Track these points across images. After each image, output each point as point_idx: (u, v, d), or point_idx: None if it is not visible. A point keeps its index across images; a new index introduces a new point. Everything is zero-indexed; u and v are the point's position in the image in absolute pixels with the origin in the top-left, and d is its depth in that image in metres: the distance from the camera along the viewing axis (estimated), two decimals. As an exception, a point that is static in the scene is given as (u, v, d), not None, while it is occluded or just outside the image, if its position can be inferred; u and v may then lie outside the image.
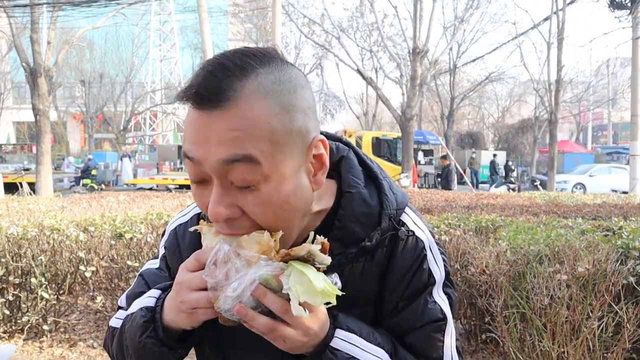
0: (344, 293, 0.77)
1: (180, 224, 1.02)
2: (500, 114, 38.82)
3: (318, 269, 0.76)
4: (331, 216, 0.90)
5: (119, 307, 1.07)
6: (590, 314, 2.75)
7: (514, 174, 22.81)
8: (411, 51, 13.97)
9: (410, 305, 0.92)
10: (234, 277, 0.74)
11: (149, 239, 4.11)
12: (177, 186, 18.24)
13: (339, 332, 0.84)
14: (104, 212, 4.81)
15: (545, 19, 17.80)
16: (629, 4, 11.80)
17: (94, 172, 21.18)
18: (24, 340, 4.06)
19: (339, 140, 1.01)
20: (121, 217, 4.30)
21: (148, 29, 37.35)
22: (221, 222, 0.78)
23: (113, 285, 4.52)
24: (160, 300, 0.88)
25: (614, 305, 2.74)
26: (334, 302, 0.74)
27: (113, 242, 4.11)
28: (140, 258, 4.24)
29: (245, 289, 0.74)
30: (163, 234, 1.08)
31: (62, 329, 4.30)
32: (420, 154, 24.98)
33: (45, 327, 4.07)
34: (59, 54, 14.64)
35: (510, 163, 23.43)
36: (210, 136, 0.74)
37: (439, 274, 0.95)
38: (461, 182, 23.32)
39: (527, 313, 2.81)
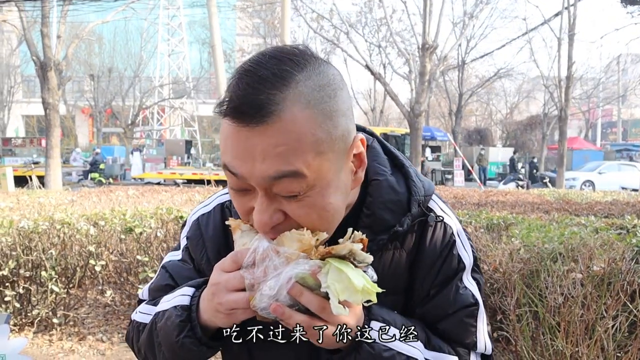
0: (384, 290, 0.76)
1: (203, 214, 1.02)
2: (508, 111, 38.57)
3: (356, 266, 0.74)
4: (358, 205, 0.91)
5: (140, 300, 1.06)
6: (605, 313, 2.71)
7: (523, 170, 22.68)
8: (420, 47, 13.89)
9: (442, 292, 0.93)
10: (271, 275, 0.73)
11: (158, 234, 4.11)
12: (185, 181, 18.29)
13: (374, 324, 0.83)
14: (114, 206, 4.82)
15: (556, 15, 17.63)
16: (641, 0, 11.67)
17: (102, 166, 21.30)
18: (34, 333, 4.07)
19: (363, 129, 1.01)
20: (131, 211, 4.30)
21: (156, 23, 37.39)
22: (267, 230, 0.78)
23: (122, 280, 4.53)
24: (195, 299, 0.86)
25: (630, 305, 2.71)
26: (374, 299, 0.73)
27: (123, 236, 4.11)
28: (149, 253, 4.24)
29: (282, 287, 0.73)
30: (183, 226, 1.07)
31: (71, 323, 4.32)
32: (428, 150, 24.89)
33: (55, 320, 4.09)
34: (68, 48, 14.68)
35: (535, 160, 23.19)
36: (254, 152, 0.73)
37: (468, 259, 0.96)
38: (469, 178, 23.24)
39: (540, 312, 2.77)
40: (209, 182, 10.25)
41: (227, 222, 0.81)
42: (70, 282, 4.17)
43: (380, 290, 0.74)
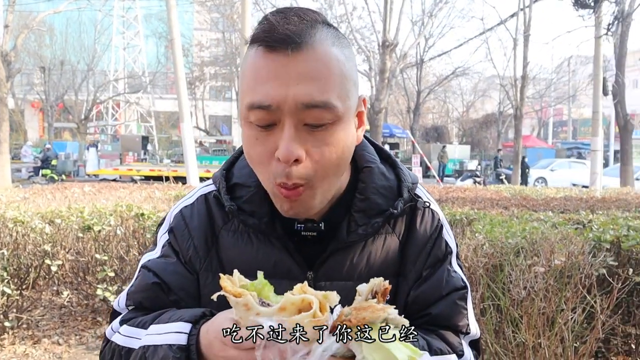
0: (425, 352, 0.75)
1: (186, 206, 1.00)
2: (464, 109, 39.47)
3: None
4: (348, 192, 0.94)
5: (114, 312, 0.99)
6: (564, 305, 2.80)
7: (479, 167, 23.24)
8: (381, 44, 14.00)
9: (435, 274, 0.96)
10: (292, 357, 0.66)
11: (118, 232, 3.98)
12: (143, 177, 17.84)
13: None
14: (69, 203, 4.63)
15: (512, 16, 18.15)
16: (592, 3, 12.13)
17: (54, 162, 20.53)
18: (-16, 337, 3.88)
19: None
20: (89, 209, 4.15)
21: (111, 15, 36.22)
22: (284, 168, 0.79)
23: (79, 280, 4.37)
24: (193, 338, 0.80)
25: (588, 297, 2.80)
26: None
27: (81, 234, 3.96)
28: (108, 251, 4.10)
29: None
30: (160, 224, 1.03)
31: (24, 326, 4.14)
32: (387, 147, 25.17)
33: (6, 323, 3.91)
34: (17, 38, 14.05)
35: (499, 157, 23.48)
36: (289, 77, 0.77)
37: (453, 244, 1.01)
38: (426, 175, 23.65)
39: (503, 305, 2.84)
40: (167, 178, 10.03)
41: (221, 284, 0.72)
42: (23, 283, 3.99)
43: (422, 353, 0.69)
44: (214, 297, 0.74)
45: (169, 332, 0.82)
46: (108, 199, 5.23)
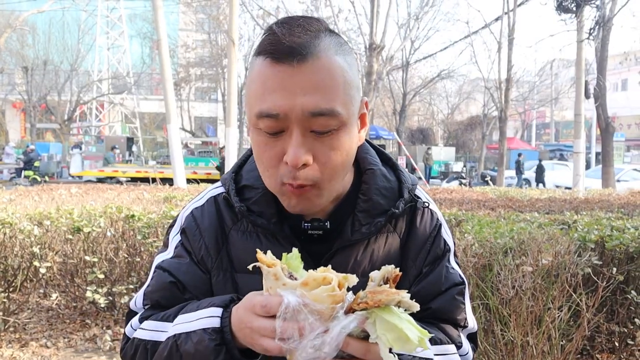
0: (433, 334, 0.79)
1: (197, 207, 1.04)
2: (449, 111, 39.77)
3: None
4: (352, 193, 0.98)
5: (130, 312, 1.02)
6: (551, 304, 2.86)
7: (465, 169, 23.37)
8: (368, 47, 14.08)
9: (435, 270, 1.01)
10: (310, 334, 0.72)
11: (108, 233, 3.96)
12: (129, 179, 17.69)
13: None
14: (58, 205, 4.59)
15: (497, 19, 18.36)
16: (574, 8, 12.33)
17: (36, 163, 20.24)
18: (-29, 340, 3.84)
19: None
20: (78, 210, 4.12)
21: (95, 15, 35.84)
22: (292, 171, 0.84)
23: (67, 282, 4.33)
24: (226, 320, 0.84)
25: (574, 295, 2.87)
26: (426, 348, 0.73)
27: (70, 236, 3.93)
28: (97, 253, 4.08)
29: (331, 347, 0.72)
30: (171, 225, 1.07)
31: (11, 329, 4.10)
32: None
33: (-7, 326, 3.86)
34: (0, 37, 13.84)
35: (542, 163, 22.83)
36: (296, 87, 0.81)
37: (451, 242, 1.05)
38: (413, 176, 23.73)
39: (492, 304, 2.89)
40: (154, 180, 9.96)
41: (257, 256, 0.78)
42: (10, 286, 3.95)
43: (430, 334, 0.74)
44: (250, 267, 0.80)
45: (201, 317, 0.87)
46: (96, 200, 5.19)
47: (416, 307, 0.74)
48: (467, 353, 1.02)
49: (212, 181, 5.14)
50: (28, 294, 4.41)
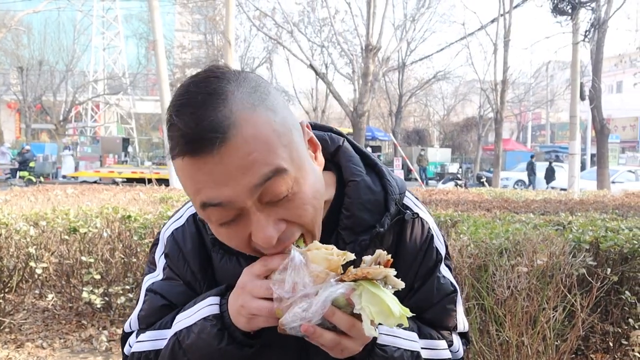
0: (414, 314, 0.80)
1: (177, 229, 0.98)
2: (445, 112, 39.86)
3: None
4: (335, 207, 0.93)
5: (125, 334, 1.00)
6: (546, 304, 2.88)
7: (461, 170, 23.43)
8: (364, 48, 14.11)
9: (426, 284, 0.98)
10: (300, 292, 0.75)
11: (104, 234, 3.95)
12: (124, 179, 17.65)
13: (382, 328, 0.86)
14: (53, 205, 4.59)
15: (493, 21, 18.43)
16: (569, 11, 12.39)
17: (32, 164, 20.18)
18: (-34, 341, 3.83)
19: (330, 130, 1.02)
20: (74, 211, 4.12)
21: (91, 15, 35.75)
22: (269, 246, 0.78)
23: (63, 283, 4.33)
24: (225, 306, 0.85)
25: (569, 295, 2.88)
26: (406, 324, 0.75)
27: (66, 237, 3.93)
28: (93, 254, 4.07)
29: (316, 310, 0.74)
30: (155, 244, 1.03)
31: (7, 329, 4.08)
32: (369, 149, 25.18)
33: (-12, 327, 3.85)
34: (-5, 38, 13.79)
35: (552, 164, 21.88)
36: (231, 171, 0.72)
37: (443, 250, 1.01)
38: (408, 177, 23.82)
39: (487, 304, 2.90)
40: (149, 181, 9.95)
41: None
42: (6, 287, 3.95)
43: (411, 314, 0.76)
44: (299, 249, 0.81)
45: (200, 309, 0.87)
46: (92, 201, 5.19)
47: (401, 284, 0.76)
48: (458, 350, 1.01)
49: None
50: (24, 295, 4.39)
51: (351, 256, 0.77)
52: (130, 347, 0.96)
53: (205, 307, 0.86)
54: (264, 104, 0.75)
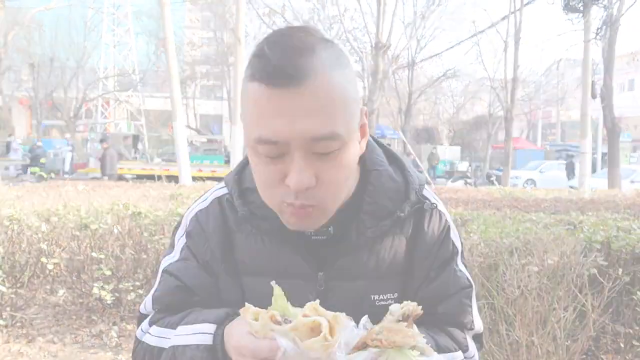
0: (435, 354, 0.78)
1: (201, 210, 1.02)
2: (455, 110, 39.65)
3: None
4: (357, 195, 0.96)
5: (141, 315, 1.03)
6: (557, 304, 2.86)
7: (470, 168, 23.32)
8: (374, 46, 14.07)
9: (442, 274, 0.99)
10: None
11: (115, 230, 3.98)
12: (134, 176, 17.76)
13: None
14: (64, 202, 4.63)
15: (503, 19, 18.31)
16: (581, 8, 12.29)
17: (42, 160, 20.33)
18: (-22, 335, 3.87)
19: None
20: (85, 207, 4.15)
21: (101, 12, 35.92)
22: (297, 193, 0.82)
23: (74, 278, 4.36)
24: (219, 338, 0.86)
25: (580, 295, 2.86)
26: None
27: (78, 233, 3.96)
28: (104, 250, 4.10)
29: None
30: (177, 227, 1.05)
31: (19, 324, 4.13)
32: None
33: (0, 321, 3.89)
34: (7, 35, 13.90)
35: (573, 159, 21.04)
36: (294, 113, 0.78)
37: (459, 244, 1.03)
38: (418, 176, 23.69)
39: (497, 303, 2.89)
40: (159, 177, 10.01)
41: (241, 312, 0.80)
42: (17, 282, 3.99)
43: None
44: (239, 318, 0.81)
45: (196, 332, 0.88)
46: (102, 197, 5.23)
47: (431, 352, 0.73)
48: (473, 356, 1.01)
49: (218, 179, 5.16)
50: (35, 290, 4.44)
51: (343, 321, 0.74)
52: (143, 332, 0.98)
53: (200, 334, 0.87)
54: (343, 71, 0.82)
